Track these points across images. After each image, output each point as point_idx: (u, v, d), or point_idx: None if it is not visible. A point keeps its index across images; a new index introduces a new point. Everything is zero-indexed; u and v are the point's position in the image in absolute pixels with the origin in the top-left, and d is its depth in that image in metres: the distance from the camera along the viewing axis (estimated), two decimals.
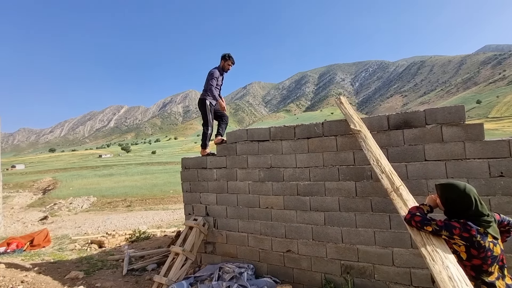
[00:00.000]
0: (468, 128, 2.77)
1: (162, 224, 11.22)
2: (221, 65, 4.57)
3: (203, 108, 4.50)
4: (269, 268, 3.79)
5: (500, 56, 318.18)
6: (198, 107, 4.61)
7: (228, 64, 4.58)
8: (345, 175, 3.32)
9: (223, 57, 4.56)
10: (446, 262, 1.50)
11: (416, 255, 2.89)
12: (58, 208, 17.49)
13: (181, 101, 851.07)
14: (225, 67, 4.57)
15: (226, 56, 4.54)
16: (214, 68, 4.55)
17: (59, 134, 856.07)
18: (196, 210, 4.42)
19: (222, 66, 4.56)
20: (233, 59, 4.60)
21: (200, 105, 4.57)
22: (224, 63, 4.56)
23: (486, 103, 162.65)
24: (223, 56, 4.57)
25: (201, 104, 4.55)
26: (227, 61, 4.56)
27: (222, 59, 4.56)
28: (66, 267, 5.00)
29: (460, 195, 1.61)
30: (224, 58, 4.55)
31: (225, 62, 4.55)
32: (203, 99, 4.50)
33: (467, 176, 2.74)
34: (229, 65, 4.59)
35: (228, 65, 4.57)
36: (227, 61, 4.56)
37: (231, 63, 4.59)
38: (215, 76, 4.45)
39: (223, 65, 4.56)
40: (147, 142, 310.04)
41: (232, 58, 4.58)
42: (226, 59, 4.54)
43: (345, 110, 3.41)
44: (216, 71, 4.48)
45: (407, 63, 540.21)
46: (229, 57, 4.55)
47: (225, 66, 4.57)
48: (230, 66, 4.62)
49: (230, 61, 4.58)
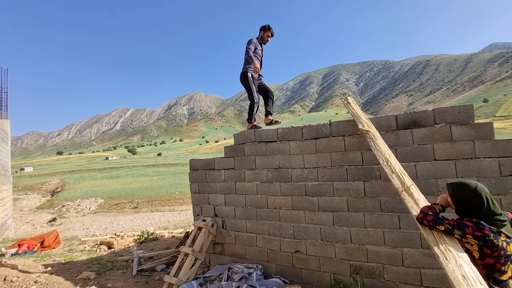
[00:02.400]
0: (478, 127, 2.76)
1: (168, 225, 11.30)
2: (260, 35, 4.41)
3: (245, 82, 4.34)
4: (278, 268, 3.80)
5: (507, 54, 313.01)
6: (240, 81, 4.44)
7: (268, 35, 4.42)
8: (353, 175, 3.32)
9: (263, 28, 4.39)
10: (459, 261, 1.50)
11: (426, 255, 2.88)
12: (66, 210, 17.74)
13: (186, 103, 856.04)
14: (264, 38, 4.41)
15: (266, 26, 4.38)
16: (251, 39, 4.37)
17: (66, 137, 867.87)
18: (205, 211, 4.46)
19: (261, 36, 4.41)
20: (273, 30, 4.44)
21: (242, 79, 4.40)
22: (263, 34, 4.40)
23: (493, 102, 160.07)
24: (262, 27, 4.40)
25: (243, 78, 4.37)
26: (267, 32, 4.39)
27: (262, 29, 4.40)
28: (77, 267, 5.08)
29: (471, 194, 1.61)
30: (264, 29, 4.38)
31: (264, 32, 4.39)
32: (244, 72, 4.33)
33: (477, 175, 2.73)
34: (268, 36, 4.43)
35: (267, 36, 4.42)
36: (267, 32, 4.39)
37: (270, 34, 4.42)
38: (253, 42, 4.29)
39: (262, 36, 4.41)
40: (153, 144, 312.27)
41: (271, 29, 4.41)
42: (265, 30, 4.38)
43: (352, 111, 3.42)
44: (254, 39, 4.33)
45: (412, 62, 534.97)
46: (268, 28, 4.38)
47: (264, 37, 4.41)
48: (269, 38, 4.46)
49: (270, 32, 4.41)
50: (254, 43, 4.29)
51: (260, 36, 4.42)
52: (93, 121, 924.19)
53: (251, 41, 4.28)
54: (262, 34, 4.41)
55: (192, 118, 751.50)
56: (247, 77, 4.30)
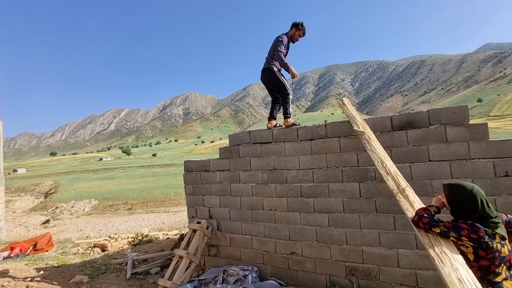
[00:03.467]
0: (472, 128, 2.76)
1: (163, 227, 11.20)
2: (291, 33, 4.02)
3: (272, 77, 3.97)
4: (274, 270, 3.78)
5: (500, 55, 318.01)
6: (264, 79, 4.08)
7: (299, 35, 4.04)
8: (348, 177, 3.31)
9: (296, 25, 3.99)
10: (455, 264, 1.49)
11: (422, 256, 2.88)
12: (60, 212, 17.49)
13: (181, 103, 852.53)
14: (295, 36, 4.03)
15: (299, 24, 3.99)
16: (283, 34, 3.99)
17: (60, 138, 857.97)
18: (200, 213, 4.42)
19: (292, 34, 4.02)
20: (305, 29, 4.05)
21: (266, 75, 4.03)
22: (294, 32, 4.01)
23: (488, 102, 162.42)
24: (295, 24, 4.00)
25: (268, 73, 4.01)
26: (298, 31, 4.02)
27: (294, 27, 4.00)
28: (70, 271, 5.00)
29: (467, 196, 1.61)
30: (297, 26, 3.99)
31: (296, 31, 4.01)
32: (268, 68, 3.98)
33: (472, 176, 2.73)
34: (299, 35, 4.05)
35: (298, 35, 4.04)
36: (298, 31, 4.02)
37: (302, 33, 4.05)
38: (284, 42, 3.91)
39: (293, 34, 4.02)
40: (148, 145, 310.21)
41: (304, 28, 4.03)
42: (298, 28, 4.00)
43: (348, 112, 3.41)
44: (285, 37, 3.94)
45: (407, 63, 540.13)
46: (302, 26, 3.99)
47: (295, 35, 4.03)
48: (300, 38, 4.09)
49: (302, 32, 4.03)
50: (284, 44, 3.91)
51: (291, 34, 4.03)
52: (87, 121, 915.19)
53: (282, 41, 3.88)
54: (293, 32, 4.02)
55: (188, 119, 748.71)
56: (273, 72, 3.96)
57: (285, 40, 3.93)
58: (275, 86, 4.03)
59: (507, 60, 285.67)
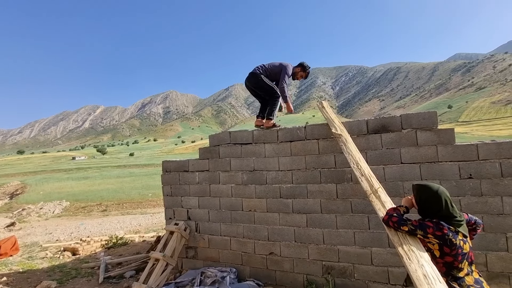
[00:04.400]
0: (440, 132, 2.93)
1: (140, 229, 10.86)
2: (296, 70, 3.97)
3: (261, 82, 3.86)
4: (252, 271, 3.78)
5: (469, 64, 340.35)
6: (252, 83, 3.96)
7: (301, 76, 4.01)
8: (326, 178, 3.39)
9: (303, 66, 3.97)
10: (421, 260, 1.58)
11: (393, 254, 3.01)
12: (27, 214, 16.43)
13: (161, 101, 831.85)
14: (297, 75, 3.99)
15: (306, 67, 3.98)
16: (291, 65, 3.94)
17: (28, 135, 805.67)
18: (177, 214, 4.33)
19: (296, 72, 3.97)
20: (309, 74, 4.07)
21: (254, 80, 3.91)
22: (299, 71, 3.97)
23: (457, 108, 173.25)
24: (301, 65, 3.98)
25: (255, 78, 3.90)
26: (303, 72, 4.00)
27: (300, 67, 3.97)
28: (36, 276, 4.71)
29: (433, 196, 1.71)
30: (303, 68, 3.97)
31: (301, 71, 3.98)
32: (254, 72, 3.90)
33: (439, 178, 2.90)
34: (301, 76, 4.02)
35: (301, 76, 4.01)
36: (303, 72, 4.00)
37: (305, 76, 4.04)
38: (289, 74, 3.86)
39: (297, 72, 3.97)
40: (125, 144, 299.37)
41: (309, 73, 4.04)
42: (304, 70, 3.98)
43: (326, 114, 3.50)
44: (290, 72, 3.89)
45: (384, 69, 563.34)
46: (308, 70, 4.00)
47: (298, 75, 3.99)
48: (301, 78, 4.06)
49: (305, 74, 4.02)
50: (289, 76, 3.87)
51: (295, 71, 3.97)
52: (59, 118, 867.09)
53: (289, 73, 3.83)
54: (298, 70, 3.98)
55: (168, 118, 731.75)
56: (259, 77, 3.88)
57: (290, 72, 3.87)
58: (265, 91, 3.95)
59: (475, 70, 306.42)
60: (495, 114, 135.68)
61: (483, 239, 2.73)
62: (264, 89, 3.94)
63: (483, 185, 2.76)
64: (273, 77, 3.93)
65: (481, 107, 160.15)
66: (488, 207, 2.75)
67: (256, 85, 3.95)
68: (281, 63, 3.90)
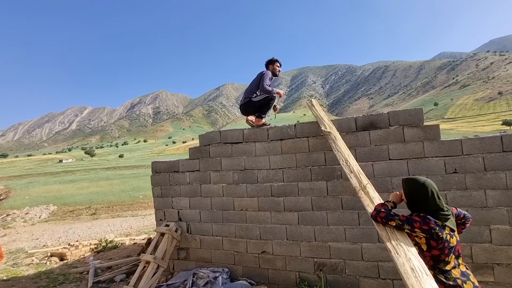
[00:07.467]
0: (427, 129, 3.00)
1: (131, 231, 10.67)
2: (270, 69, 4.16)
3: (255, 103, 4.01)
4: (245, 270, 3.78)
5: (453, 63, 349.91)
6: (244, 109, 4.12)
7: (277, 66, 4.20)
8: (317, 175, 3.42)
9: (269, 61, 4.17)
10: (408, 254, 1.61)
11: (383, 249, 3.06)
12: (12, 219, 15.89)
13: (151, 102, 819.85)
14: (275, 70, 4.17)
15: (273, 59, 4.18)
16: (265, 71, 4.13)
17: (12, 138, 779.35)
18: (168, 216, 4.28)
19: (272, 70, 4.16)
20: (280, 61, 4.23)
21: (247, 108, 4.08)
22: (272, 67, 4.17)
23: (442, 105, 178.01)
24: (269, 60, 4.19)
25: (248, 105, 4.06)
26: (274, 64, 4.18)
27: (269, 63, 4.17)
28: (22, 284, 4.56)
29: (419, 188, 1.75)
30: (271, 62, 4.17)
31: (272, 66, 4.17)
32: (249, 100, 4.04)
33: (426, 173, 2.96)
34: (278, 66, 4.20)
35: (277, 66, 4.19)
36: (274, 64, 4.18)
37: (278, 65, 4.22)
38: (269, 77, 4.03)
39: (272, 69, 4.16)
40: (114, 145, 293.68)
41: (278, 60, 4.22)
42: (272, 62, 4.17)
43: (316, 113, 3.52)
44: (269, 73, 4.07)
45: (372, 67, 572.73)
46: (275, 60, 4.19)
47: (275, 69, 4.17)
48: (279, 69, 4.24)
49: (278, 63, 4.21)
50: (269, 77, 4.05)
51: (271, 69, 4.17)
52: (44, 120, 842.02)
53: (267, 74, 4.01)
54: (271, 68, 4.17)
55: (158, 118, 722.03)
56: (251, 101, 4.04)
57: (269, 74, 4.04)
58: (262, 103, 4.05)
59: (459, 68, 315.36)
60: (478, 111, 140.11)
61: (468, 231, 2.81)
62: (260, 103, 4.04)
63: (467, 179, 2.84)
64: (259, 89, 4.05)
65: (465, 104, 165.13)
66: (473, 201, 2.83)
67: (254, 108, 4.07)
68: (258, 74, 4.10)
